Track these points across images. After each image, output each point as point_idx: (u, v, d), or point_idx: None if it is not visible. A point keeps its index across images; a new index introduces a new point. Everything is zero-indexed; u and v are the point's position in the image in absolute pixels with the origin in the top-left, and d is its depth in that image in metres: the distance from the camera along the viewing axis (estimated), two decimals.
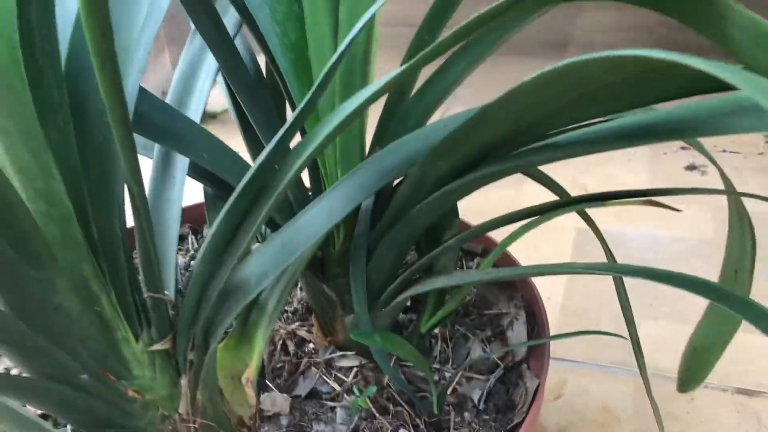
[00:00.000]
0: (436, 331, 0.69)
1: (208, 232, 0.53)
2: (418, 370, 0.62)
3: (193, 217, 0.89)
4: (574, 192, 0.57)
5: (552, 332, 0.66)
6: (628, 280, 0.53)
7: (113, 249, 0.49)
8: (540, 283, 0.71)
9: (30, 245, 0.43)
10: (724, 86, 0.24)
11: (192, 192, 0.65)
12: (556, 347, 0.91)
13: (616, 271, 0.46)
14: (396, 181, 0.57)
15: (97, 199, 0.47)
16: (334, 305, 0.64)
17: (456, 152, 0.45)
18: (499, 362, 0.66)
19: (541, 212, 0.52)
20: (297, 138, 0.53)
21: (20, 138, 0.41)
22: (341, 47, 0.42)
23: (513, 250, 0.70)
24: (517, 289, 0.73)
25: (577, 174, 1.27)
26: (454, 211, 0.58)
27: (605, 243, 0.60)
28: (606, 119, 0.44)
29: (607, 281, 1.05)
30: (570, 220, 1.10)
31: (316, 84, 0.44)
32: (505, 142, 0.45)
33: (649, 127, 0.40)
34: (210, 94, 0.62)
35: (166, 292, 0.54)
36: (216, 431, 0.55)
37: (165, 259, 0.56)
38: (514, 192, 1.21)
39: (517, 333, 0.69)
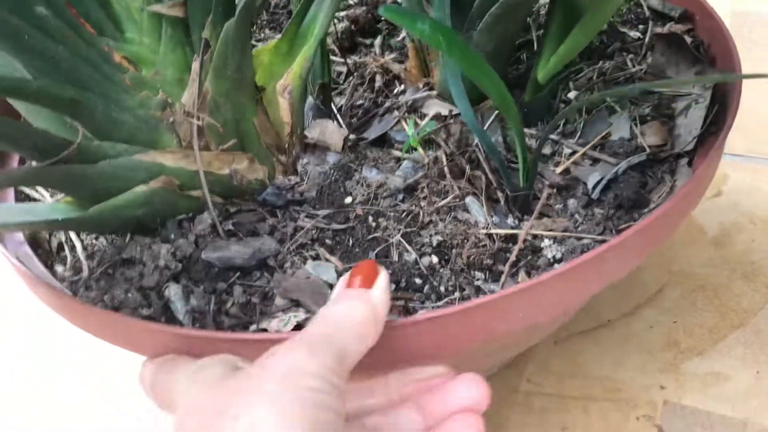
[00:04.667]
0: (571, 96, 0.49)
1: None
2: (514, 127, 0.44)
3: None
4: None
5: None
6: None
7: None
8: None
9: None
10: None
11: None
12: None
13: None
14: None
15: None
16: None
17: None
18: (646, 147, 0.45)
19: None
20: None
21: None
22: None
23: None
24: (715, 66, 0.50)
25: None
26: None
27: None
28: None
29: None
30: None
31: None
32: None
33: None
34: None
35: None
36: (225, 138, 0.43)
37: None
38: None
39: (691, 121, 0.47)
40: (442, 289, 0.40)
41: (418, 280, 0.40)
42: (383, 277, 0.33)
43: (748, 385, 0.51)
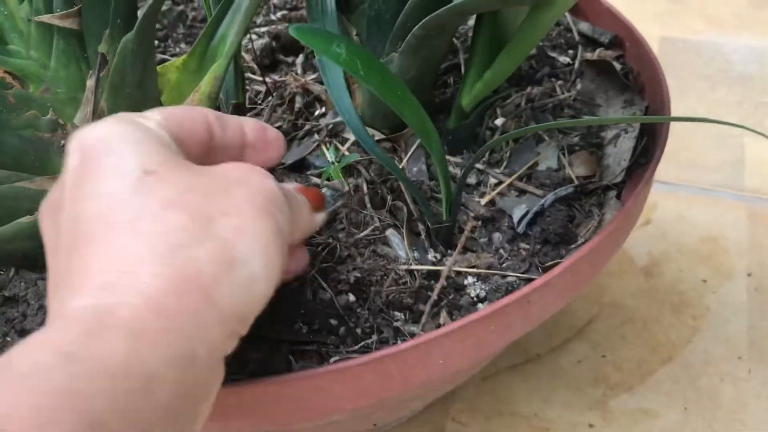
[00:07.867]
0: (498, 122, 0.47)
1: None
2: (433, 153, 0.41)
3: None
4: None
5: None
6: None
7: None
8: None
9: None
10: None
11: None
12: None
13: None
14: None
15: None
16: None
17: None
18: (574, 179, 0.43)
19: None
20: None
21: None
22: None
23: None
24: (644, 94, 0.49)
25: None
26: None
27: None
28: None
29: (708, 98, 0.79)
30: (654, 24, 0.83)
31: None
32: None
33: None
34: None
35: None
36: None
37: None
38: None
39: (620, 151, 0.45)
40: (358, 331, 0.37)
41: (333, 321, 0.37)
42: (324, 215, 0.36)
43: (676, 422, 0.50)
